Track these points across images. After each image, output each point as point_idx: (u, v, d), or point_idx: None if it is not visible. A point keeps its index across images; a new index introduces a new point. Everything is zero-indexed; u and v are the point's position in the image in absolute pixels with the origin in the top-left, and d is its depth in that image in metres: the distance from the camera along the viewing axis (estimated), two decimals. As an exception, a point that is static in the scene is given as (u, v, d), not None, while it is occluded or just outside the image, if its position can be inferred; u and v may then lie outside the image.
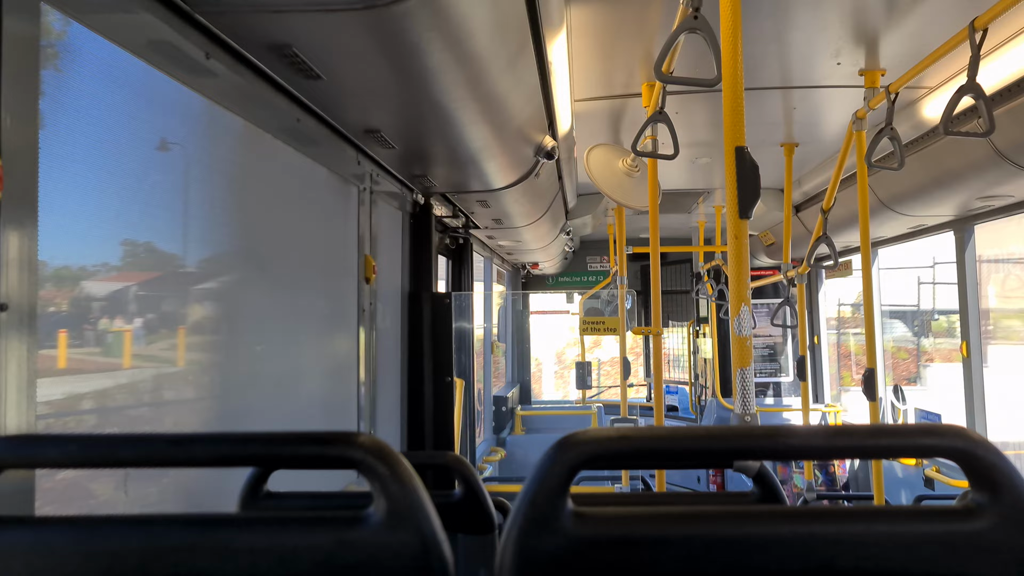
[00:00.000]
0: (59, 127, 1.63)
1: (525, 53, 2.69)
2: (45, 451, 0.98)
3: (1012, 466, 0.92)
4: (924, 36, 3.43)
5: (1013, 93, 3.55)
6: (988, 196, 4.82)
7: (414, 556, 0.94)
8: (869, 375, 4.10)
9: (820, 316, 9.36)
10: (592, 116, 4.81)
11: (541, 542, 0.94)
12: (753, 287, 7.42)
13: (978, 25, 2.71)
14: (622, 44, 3.63)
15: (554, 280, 11.70)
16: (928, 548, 0.92)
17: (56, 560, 0.94)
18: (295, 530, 0.96)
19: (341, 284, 3.55)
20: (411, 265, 4.55)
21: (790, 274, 5.89)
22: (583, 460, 0.96)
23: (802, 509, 0.97)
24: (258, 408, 2.71)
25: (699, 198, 7.67)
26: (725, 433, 0.99)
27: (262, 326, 2.75)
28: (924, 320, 12.94)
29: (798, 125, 5.05)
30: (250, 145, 2.63)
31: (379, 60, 2.20)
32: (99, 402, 1.95)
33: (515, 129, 3.31)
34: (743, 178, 2.09)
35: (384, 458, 0.96)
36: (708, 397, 9.74)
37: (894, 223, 6.04)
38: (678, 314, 11.48)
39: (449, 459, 2.03)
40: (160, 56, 1.93)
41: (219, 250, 2.52)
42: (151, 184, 2.10)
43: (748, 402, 2.10)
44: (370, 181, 3.68)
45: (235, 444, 0.99)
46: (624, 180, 4.57)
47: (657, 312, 4.32)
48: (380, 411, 3.94)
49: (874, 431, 0.99)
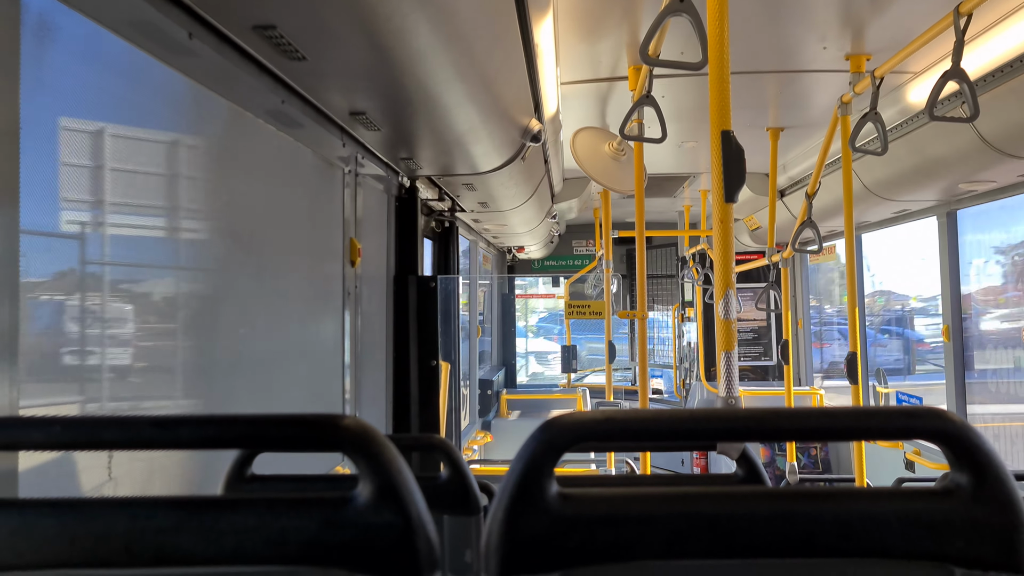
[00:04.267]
0: (40, 108, 1.61)
1: (511, 35, 2.67)
2: (28, 433, 0.97)
3: (991, 447, 0.93)
4: (909, 21, 3.43)
5: (996, 79, 3.56)
6: (972, 181, 4.85)
7: (400, 537, 0.95)
8: (852, 359, 4.14)
9: (805, 300, 9.42)
10: (578, 99, 4.79)
11: (527, 522, 0.95)
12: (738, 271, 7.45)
13: (963, 10, 2.72)
14: (608, 27, 3.62)
15: (540, 264, 11.71)
16: (909, 527, 0.93)
17: (40, 542, 0.94)
18: (281, 511, 0.95)
19: (326, 267, 3.54)
20: (397, 248, 4.54)
21: (774, 258, 5.91)
22: (568, 441, 0.96)
23: (784, 490, 0.98)
24: (242, 391, 2.70)
25: (685, 182, 7.68)
26: (709, 415, 1.00)
27: (246, 309, 2.74)
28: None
29: (784, 109, 5.06)
30: (234, 126, 2.61)
31: (364, 41, 2.18)
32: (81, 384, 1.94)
33: (501, 112, 3.30)
34: (729, 162, 2.09)
35: (370, 440, 0.97)
36: (693, 380, 9.79)
37: (879, 208, 6.07)
38: (663, 298, 11.53)
39: (435, 442, 2.03)
40: (142, 36, 1.91)
41: (202, 232, 2.51)
42: (133, 165, 2.09)
43: (732, 385, 2.11)
44: (355, 164, 3.67)
45: (220, 426, 0.99)
46: (610, 164, 4.57)
47: (642, 296, 4.33)
48: (365, 394, 3.94)
49: (857, 413, 1.00)
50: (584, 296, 10.15)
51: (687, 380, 10.15)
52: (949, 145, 4.31)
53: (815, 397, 8.62)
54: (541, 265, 11.74)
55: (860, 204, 5.64)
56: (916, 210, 6.15)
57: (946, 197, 5.57)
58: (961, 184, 4.99)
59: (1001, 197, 5.28)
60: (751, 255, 9.22)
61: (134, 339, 2.14)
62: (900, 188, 5.37)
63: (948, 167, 4.62)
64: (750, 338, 9.66)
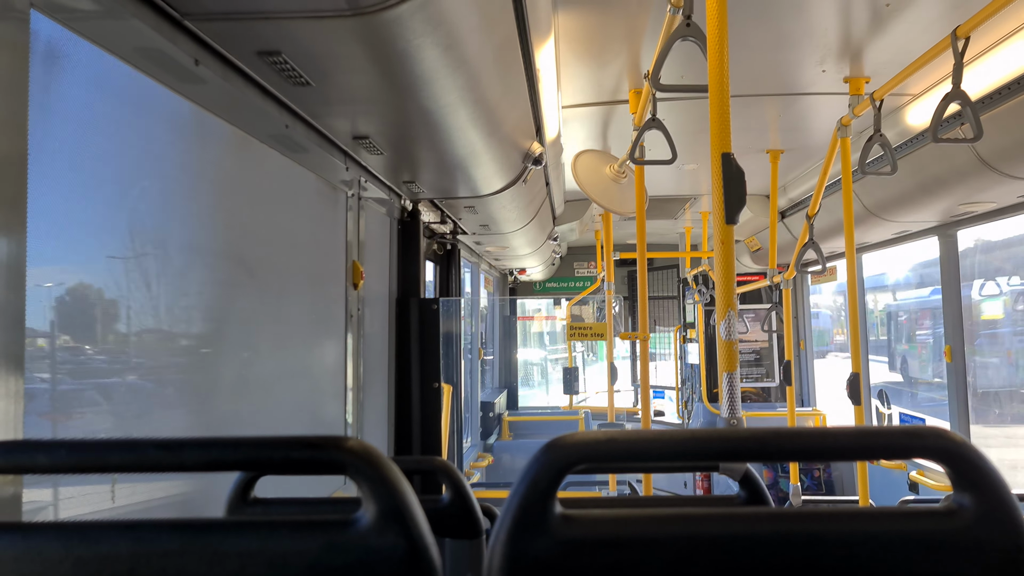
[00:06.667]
0: (48, 133, 1.63)
1: (513, 60, 2.70)
2: (33, 457, 0.98)
3: (994, 467, 0.93)
4: (907, 44, 3.46)
5: (995, 100, 3.59)
6: (971, 202, 4.87)
7: (402, 560, 0.95)
8: (854, 379, 4.13)
9: (807, 321, 9.41)
10: (579, 122, 4.82)
11: (529, 545, 0.95)
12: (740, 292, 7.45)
13: (960, 33, 2.74)
14: (609, 51, 3.65)
15: (541, 286, 11.71)
16: (913, 548, 0.93)
17: (45, 566, 0.94)
18: (284, 534, 0.96)
19: (329, 290, 3.55)
20: (399, 271, 4.55)
21: (776, 279, 5.92)
22: (571, 462, 0.96)
23: (788, 511, 0.98)
24: (245, 414, 2.70)
25: (686, 204, 7.70)
26: (711, 435, 1.00)
27: (250, 331, 2.74)
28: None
29: (783, 132, 5.09)
30: (239, 151, 2.63)
31: (368, 66, 2.20)
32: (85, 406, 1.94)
33: (503, 135, 3.32)
34: (729, 184, 2.11)
35: (373, 462, 0.97)
36: (695, 402, 9.77)
37: (879, 229, 6.09)
38: (665, 319, 11.52)
39: (437, 464, 2.03)
40: (150, 63, 1.93)
41: (207, 256, 2.52)
42: (140, 190, 2.10)
43: (735, 406, 2.11)
44: (358, 187, 3.68)
45: (224, 448, 0.99)
46: (611, 186, 4.59)
47: (644, 317, 4.33)
48: (368, 417, 3.93)
49: (860, 433, 1.00)
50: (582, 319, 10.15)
51: (689, 402, 10.12)
52: (949, 166, 4.33)
53: (817, 418, 8.59)
54: (543, 287, 11.73)
55: (860, 225, 5.66)
56: (916, 231, 6.16)
57: (946, 218, 5.58)
58: (961, 205, 5.00)
59: (1001, 218, 5.29)
60: (752, 276, 9.23)
61: (137, 362, 2.15)
62: (900, 209, 5.39)
63: (947, 188, 4.63)
64: (752, 359, 9.65)
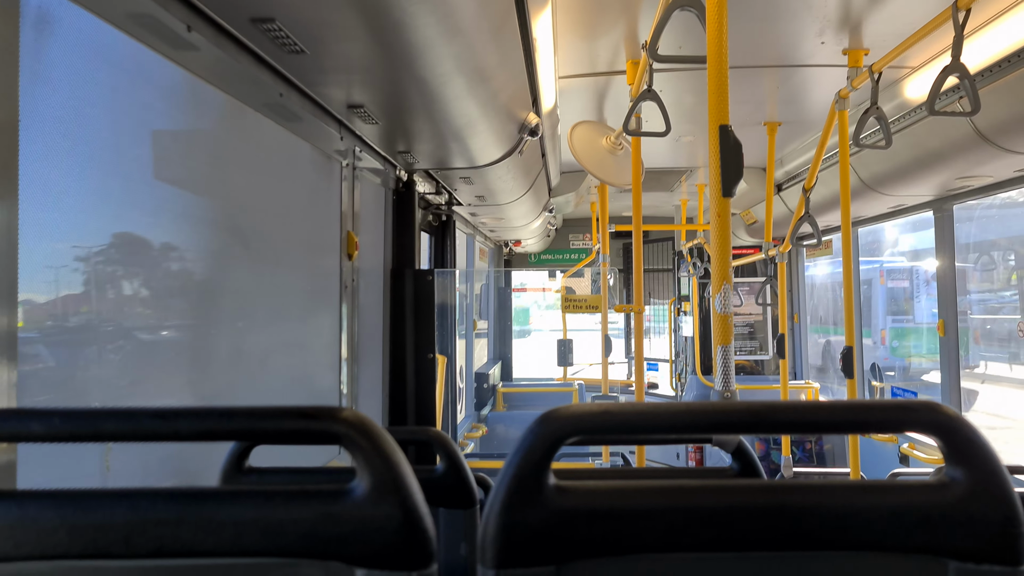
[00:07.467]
0: (38, 100, 1.61)
1: (510, 29, 2.67)
2: (28, 425, 0.98)
3: (985, 440, 0.94)
4: (907, 16, 3.44)
5: (994, 73, 3.57)
6: (967, 176, 4.86)
7: (397, 529, 0.95)
8: (847, 353, 4.15)
9: (802, 294, 9.43)
10: (576, 93, 4.79)
11: (524, 515, 0.95)
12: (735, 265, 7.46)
13: (961, 5, 2.72)
14: (606, 21, 3.62)
15: (537, 258, 11.70)
16: (903, 521, 0.94)
17: (40, 534, 0.94)
18: (279, 503, 0.96)
19: (323, 260, 3.54)
20: (394, 242, 4.54)
21: (771, 253, 5.92)
22: (566, 433, 0.97)
23: (780, 483, 0.98)
24: (240, 384, 2.70)
25: (682, 176, 7.68)
26: (704, 408, 1.00)
27: (244, 302, 2.74)
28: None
29: (781, 104, 5.06)
30: (232, 120, 2.60)
31: (363, 34, 2.18)
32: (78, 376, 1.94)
33: (499, 106, 3.30)
34: (726, 157, 2.10)
35: (367, 432, 0.97)
36: (689, 374, 9.81)
37: (875, 203, 6.08)
38: (660, 292, 11.54)
39: (431, 435, 2.04)
40: (141, 28, 1.91)
41: (200, 225, 2.51)
42: (132, 158, 2.08)
43: (729, 379, 2.12)
44: (353, 157, 3.66)
45: (219, 418, 0.99)
46: (607, 158, 4.57)
47: (639, 290, 4.33)
48: (362, 387, 3.94)
49: (852, 406, 1.00)
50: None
51: (683, 374, 10.16)
52: (946, 140, 4.32)
53: (810, 392, 8.64)
54: (538, 259, 11.73)
55: (856, 199, 5.65)
56: (912, 205, 6.16)
57: (942, 192, 5.58)
58: (957, 179, 4.99)
59: (996, 192, 5.29)
60: (748, 249, 9.23)
61: (131, 332, 2.14)
62: (896, 183, 5.37)
63: (945, 162, 4.62)
64: (746, 332, 9.67)
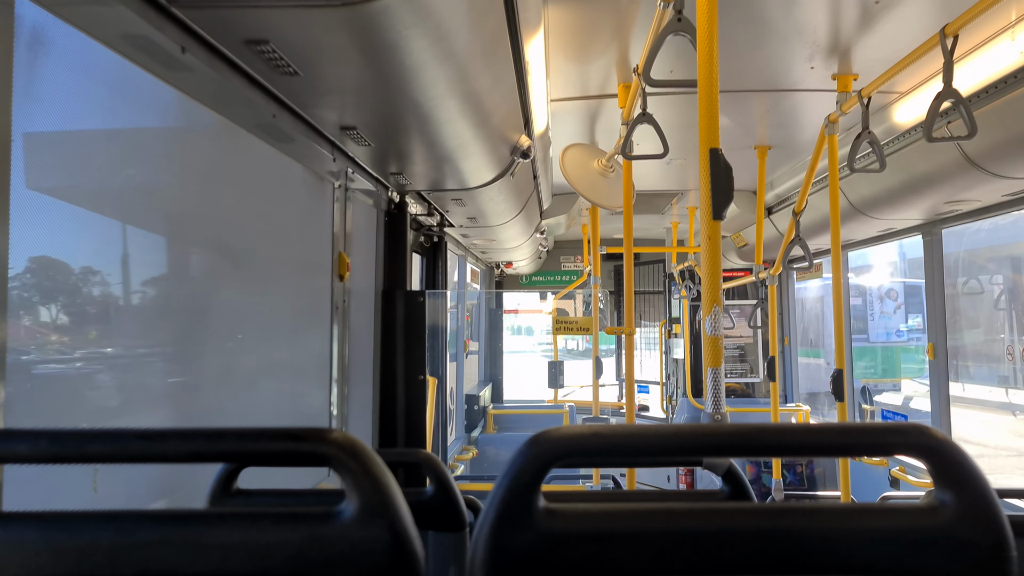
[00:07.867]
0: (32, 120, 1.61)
1: (502, 52, 2.69)
2: (13, 446, 0.97)
3: (975, 464, 0.94)
4: (895, 42, 3.47)
5: (982, 99, 3.61)
6: (956, 200, 4.89)
7: (385, 552, 0.95)
8: (837, 376, 4.16)
9: (792, 317, 9.45)
10: (568, 116, 4.82)
11: (513, 538, 0.95)
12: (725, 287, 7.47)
13: (948, 32, 2.75)
14: (598, 45, 3.65)
15: (528, 279, 11.71)
16: (893, 544, 0.94)
17: (24, 556, 0.93)
18: (267, 526, 0.95)
19: (315, 281, 3.53)
20: (385, 263, 4.54)
21: (761, 275, 5.94)
22: (556, 456, 0.96)
23: (771, 506, 0.98)
24: (229, 405, 2.69)
25: (673, 199, 7.71)
26: (694, 430, 1.00)
27: (234, 322, 2.73)
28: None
29: (771, 128, 5.10)
30: (225, 140, 2.61)
31: (356, 57, 2.19)
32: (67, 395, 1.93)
33: (491, 128, 3.31)
34: (717, 180, 2.11)
35: (356, 454, 0.96)
36: (679, 397, 9.79)
37: (864, 226, 6.12)
38: (650, 314, 11.54)
39: (421, 457, 2.03)
40: (135, 50, 1.91)
41: (192, 246, 2.50)
42: (124, 178, 2.08)
43: (719, 401, 2.12)
44: (345, 178, 3.67)
45: (207, 440, 0.99)
46: (599, 180, 4.59)
47: (630, 312, 4.34)
48: (352, 409, 3.92)
49: (842, 429, 1.00)
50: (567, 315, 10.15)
51: (673, 396, 10.15)
52: (934, 164, 4.35)
53: (800, 415, 8.63)
54: (529, 280, 11.73)
55: (846, 222, 5.68)
56: (901, 228, 6.20)
57: (931, 216, 5.62)
58: (946, 204, 5.03)
59: (985, 216, 5.33)
60: (738, 272, 9.26)
61: (120, 352, 2.13)
62: (885, 207, 5.41)
63: (933, 186, 4.66)
64: (736, 355, 9.67)
